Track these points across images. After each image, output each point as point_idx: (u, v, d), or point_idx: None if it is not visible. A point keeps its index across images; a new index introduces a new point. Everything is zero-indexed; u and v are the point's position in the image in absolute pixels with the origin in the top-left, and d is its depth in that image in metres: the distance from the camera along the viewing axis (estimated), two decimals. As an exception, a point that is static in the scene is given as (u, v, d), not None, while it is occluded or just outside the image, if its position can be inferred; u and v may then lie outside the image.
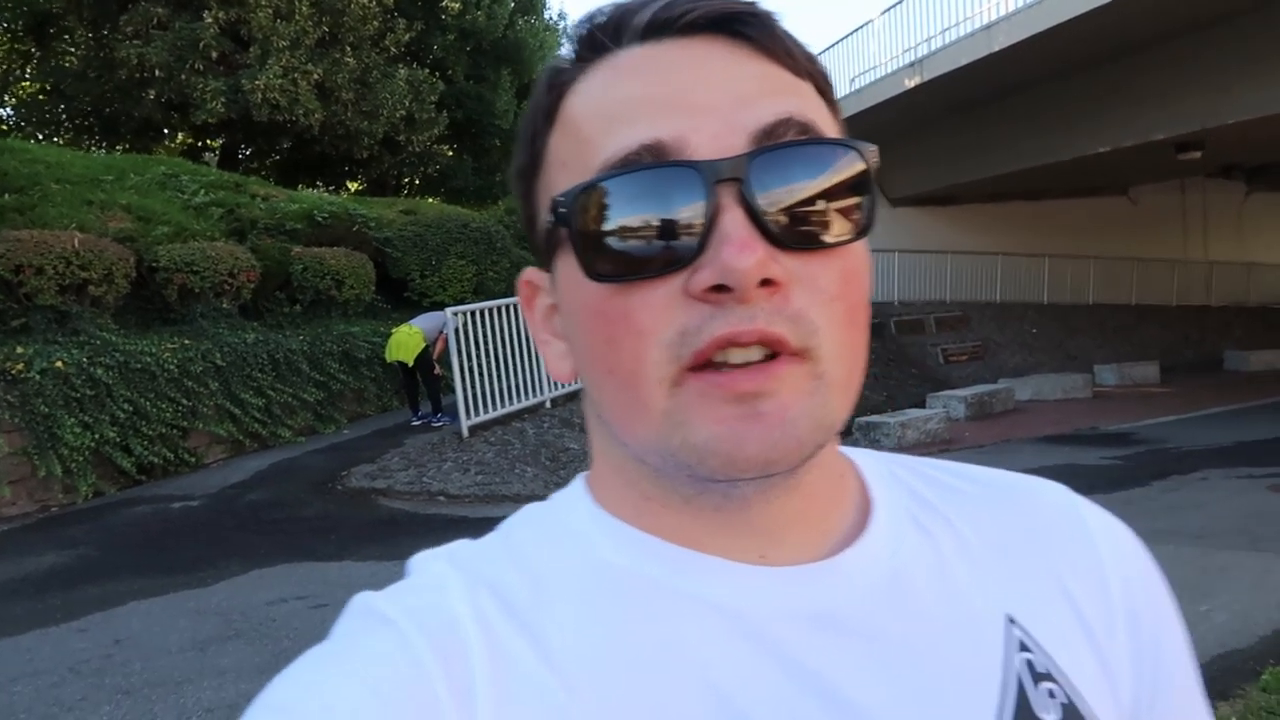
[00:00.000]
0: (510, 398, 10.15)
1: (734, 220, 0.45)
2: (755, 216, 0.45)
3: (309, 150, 19.19)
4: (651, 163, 0.46)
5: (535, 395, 10.49)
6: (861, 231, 0.49)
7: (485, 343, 9.94)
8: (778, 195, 0.46)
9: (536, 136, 0.53)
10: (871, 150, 0.50)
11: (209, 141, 19.89)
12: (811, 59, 0.52)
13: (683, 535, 0.51)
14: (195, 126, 17.41)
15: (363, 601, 0.50)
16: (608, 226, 0.47)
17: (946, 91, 14.28)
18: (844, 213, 0.48)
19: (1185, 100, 12.23)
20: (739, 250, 0.44)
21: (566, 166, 0.50)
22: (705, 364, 0.46)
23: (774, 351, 0.46)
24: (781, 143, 0.47)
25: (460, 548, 0.55)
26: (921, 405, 12.73)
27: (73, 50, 16.83)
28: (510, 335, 10.22)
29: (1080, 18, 11.13)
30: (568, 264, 0.50)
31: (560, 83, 0.52)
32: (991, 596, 0.54)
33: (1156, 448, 10.25)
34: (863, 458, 0.60)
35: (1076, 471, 9.20)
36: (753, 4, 0.50)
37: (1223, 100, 11.79)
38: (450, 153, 20.63)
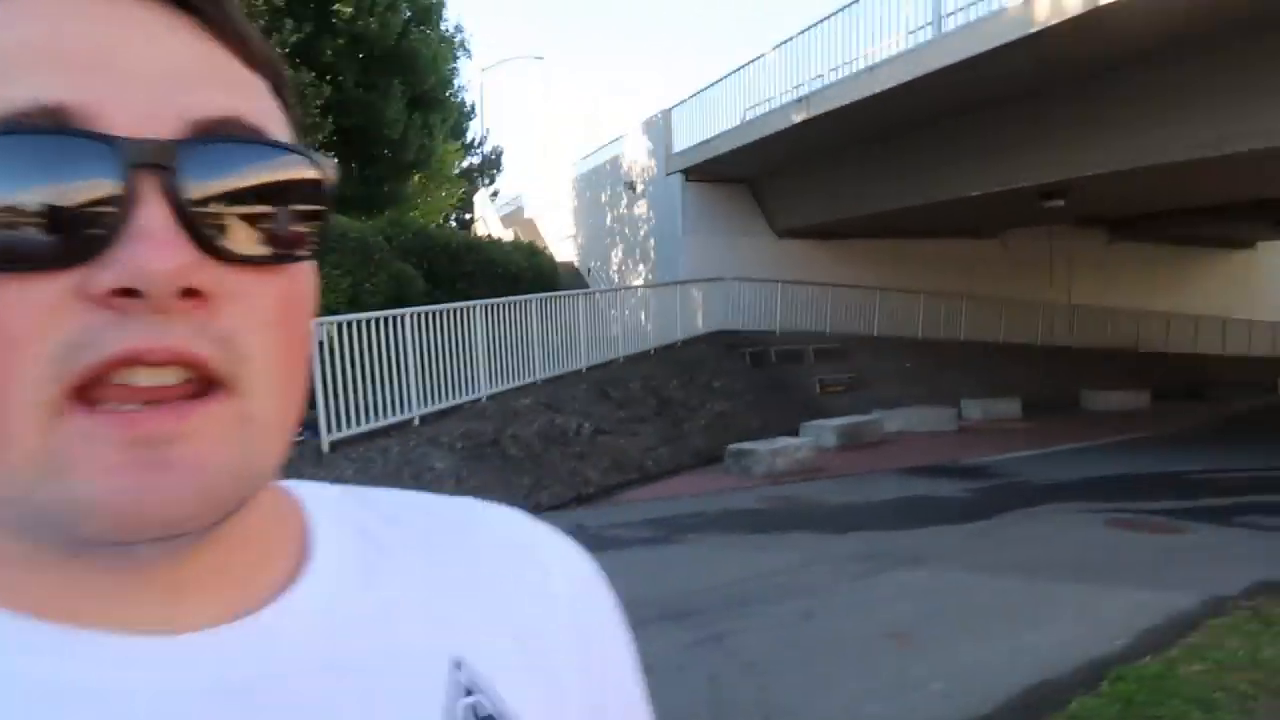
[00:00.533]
0: (377, 413, 9.90)
1: (155, 214, 0.37)
2: (183, 214, 0.37)
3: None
4: (51, 127, 0.36)
5: (403, 412, 10.26)
6: (312, 252, 0.43)
7: (353, 356, 9.68)
8: (214, 194, 0.38)
9: None
10: (329, 165, 0.43)
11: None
12: (267, 50, 0.45)
13: (59, 606, 0.41)
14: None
15: None
16: None
17: (832, 128, 14.65)
18: (291, 228, 0.41)
19: (1048, 151, 12.84)
20: (158, 250, 0.36)
21: None
22: (97, 390, 0.37)
23: (191, 377, 0.38)
24: (226, 136, 0.39)
25: None
26: (795, 433, 12.96)
27: None
28: (381, 349, 9.98)
29: (950, 68, 11.59)
30: None
31: None
32: (439, 639, 0.49)
33: (1009, 481, 10.65)
34: (310, 493, 0.53)
35: (933, 502, 9.49)
36: None
37: (1081, 154, 12.45)
38: (335, 160, 19.99)
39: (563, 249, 24.37)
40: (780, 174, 18.06)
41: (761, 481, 10.56)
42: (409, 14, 19.92)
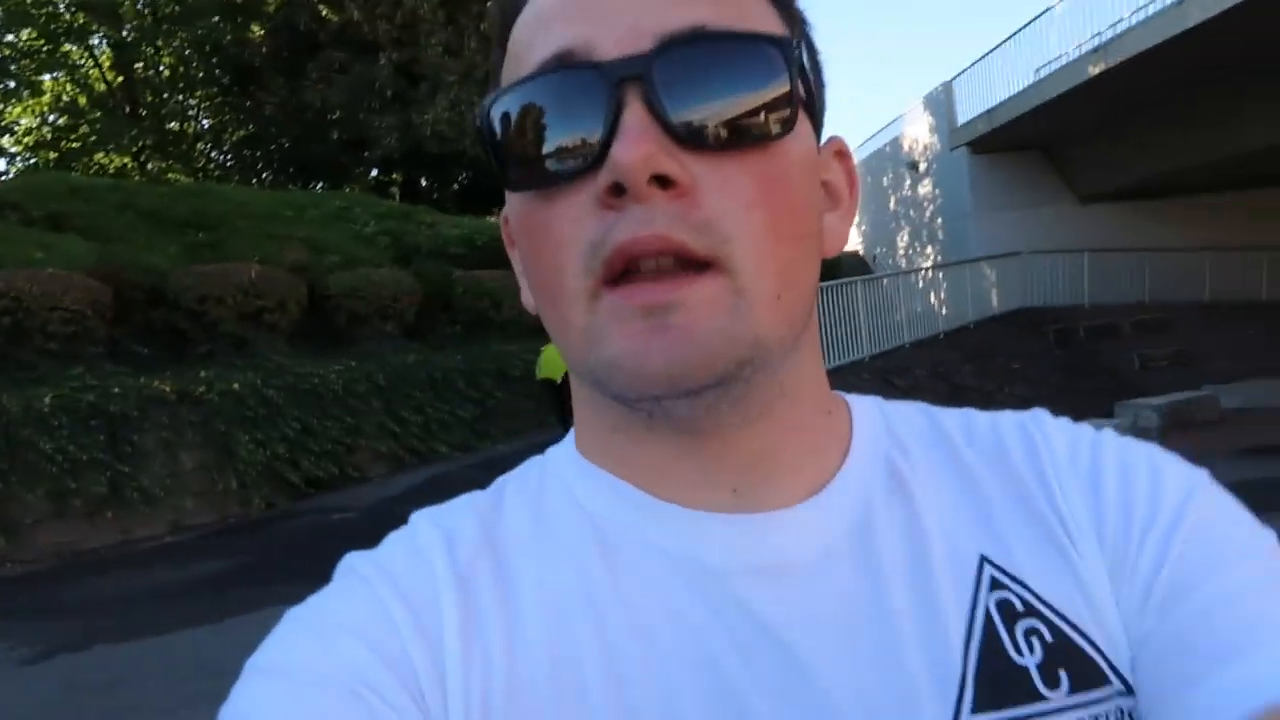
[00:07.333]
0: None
1: (631, 116, 0.44)
2: (657, 114, 0.44)
3: (487, 179, 20.12)
4: (562, 66, 0.46)
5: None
6: (782, 131, 0.47)
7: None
8: (683, 93, 0.45)
9: (495, 67, 0.54)
10: (798, 44, 0.48)
11: (393, 176, 21.24)
12: None
13: (652, 469, 0.52)
14: (378, 161, 18.62)
15: (347, 561, 0.53)
16: (519, 135, 0.47)
17: (1137, 77, 13.13)
18: (759, 111, 0.46)
19: None
20: (628, 144, 0.43)
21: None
22: (620, 277, 0.45)
23: (678, 261, 0.44)
24: (686, 37, 0.45)
25: (458, 502, 0.57)
26: (1109, 416, 11.68)
27: (270, 100, 18.41)
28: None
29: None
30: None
31: (510, 9, 0.52)
32: (965, 539, 0.53)
33: (1386, 460, 8.92)
34: (858, 402, 0.60)
35: (1276, 485, 8.15)
36: None
37: None
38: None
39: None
40: (1080, 135, 16.43)
41: (1068, 469, 9.60)
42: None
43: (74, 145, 19.55)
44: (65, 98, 19.95)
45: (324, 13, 16.55)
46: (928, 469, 0.56)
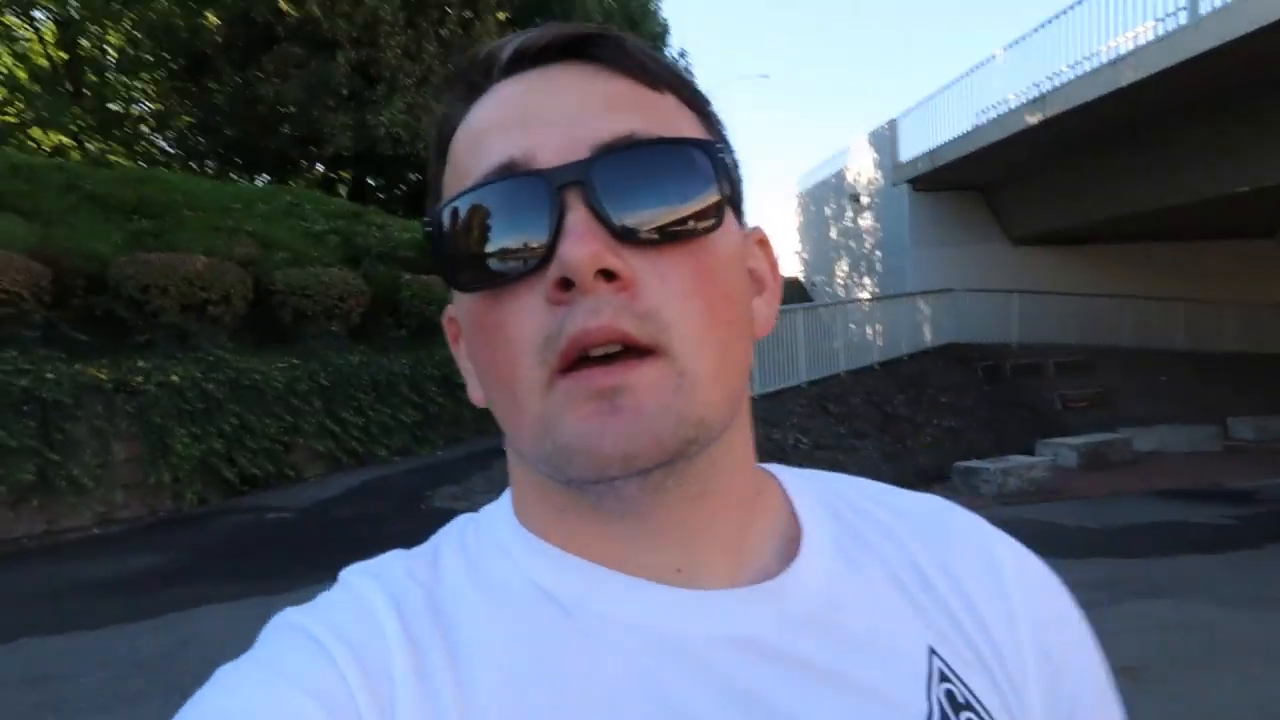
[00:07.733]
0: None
1: (575, 217, 0.47)
2: (599, 215, 0.47)
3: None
4: (506, 175, 0.49)
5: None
6: (711, 226, 0.50)
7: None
8: (620, 194, 0.48)
9: (434, 178, 0.57)
10: (720, 147, 0.53)
11: (341, 173, 21.02)
12: (670, 70, 0.55)
13: (598, 549, 0.53)
14: (328, 159, 18.43)
15: (284, 617, 0.52)
16: (469, 240, 0.49)
17: (1072, 128, 13.71)
18: (691, 209, 0.50)
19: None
20: (575, 242, 0.46)
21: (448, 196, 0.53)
22: (571, 366, 0.48)
23: (625, 348, 0.47)
24: (619, 144, 0.49)
25: (390, 561, 0.56)
26: (1031, 452, 12.15)
27: (221, 89, 18.13)
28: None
29: (1215, 50, 10.53)
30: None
31: (448, 125, 0.56)
32: (914, 626, 0.55)
33: (1283, 509, 9.46)
34: (787, 475, 0.63)
35: (1185, 529, 8.60)
36: (604, 27, 0.54)
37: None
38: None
39: (786, 265, 24.23)
40: (1016, 179, 17.05)
41: (990, 502, 9.98)
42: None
43: (9, 119, 18.98)
44: (2, 71, 19.37)
45: (283, 7, 16.40)
46: (872, 552, 0.58)
